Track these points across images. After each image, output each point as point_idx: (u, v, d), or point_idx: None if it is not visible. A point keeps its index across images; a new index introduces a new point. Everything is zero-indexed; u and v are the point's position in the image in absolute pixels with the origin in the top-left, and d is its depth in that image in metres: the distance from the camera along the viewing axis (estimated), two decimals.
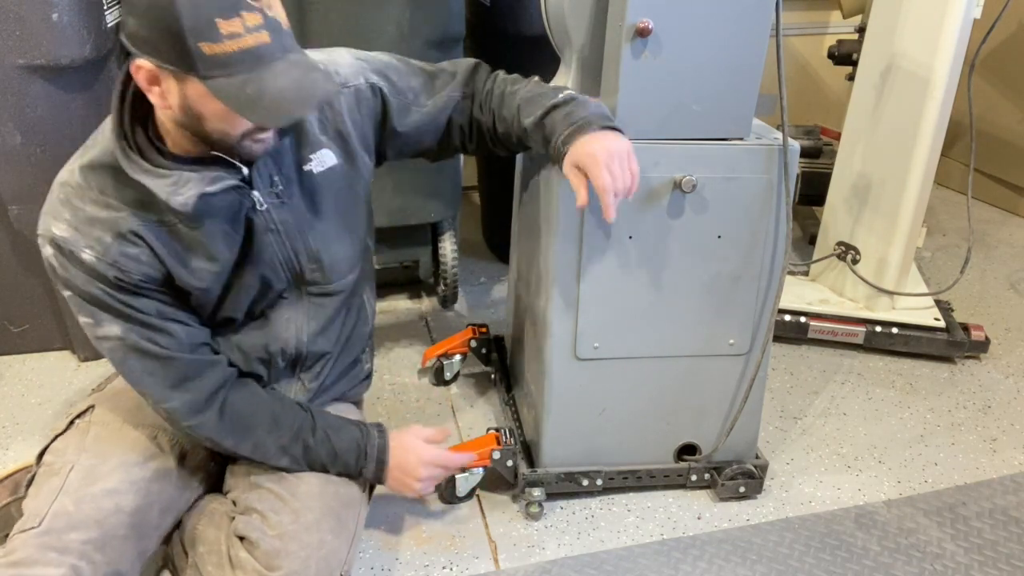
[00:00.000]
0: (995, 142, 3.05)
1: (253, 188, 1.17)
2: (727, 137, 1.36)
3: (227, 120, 1.04)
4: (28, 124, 1.66)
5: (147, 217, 1.13)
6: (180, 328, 1.19)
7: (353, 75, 1.27)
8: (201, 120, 1.04)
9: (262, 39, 0.99)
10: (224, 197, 1.13)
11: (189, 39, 0.95)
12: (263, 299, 1.27)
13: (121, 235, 1.11)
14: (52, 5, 1.56)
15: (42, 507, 1.16)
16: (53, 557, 1.09)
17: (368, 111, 1.29)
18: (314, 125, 1.24)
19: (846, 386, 2.01)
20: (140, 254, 1.13)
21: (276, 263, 1.24)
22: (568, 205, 1.35)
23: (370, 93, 1.28)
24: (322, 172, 1.25)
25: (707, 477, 1.61)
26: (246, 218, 1.19)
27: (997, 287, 2.53)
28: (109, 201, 1.11)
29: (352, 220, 1.33)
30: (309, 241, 1.26)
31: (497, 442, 1.56)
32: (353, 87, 1.26)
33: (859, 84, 2.06)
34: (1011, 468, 1.74)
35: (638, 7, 1.23)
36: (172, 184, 1.08)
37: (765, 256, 1.43)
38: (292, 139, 1.22)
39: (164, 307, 1.18)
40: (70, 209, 1.11)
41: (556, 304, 1.42)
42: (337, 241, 1.30)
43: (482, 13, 2.16)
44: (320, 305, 1.32)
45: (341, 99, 1.25)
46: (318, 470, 1.31)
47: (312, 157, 1.23)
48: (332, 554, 1.21)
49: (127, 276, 1.12)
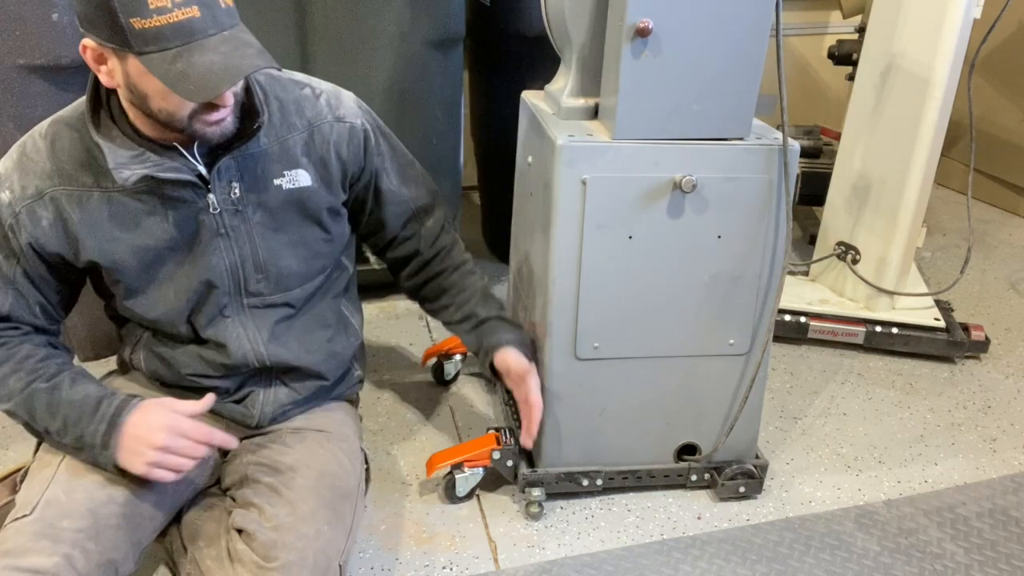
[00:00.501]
0: (995, 142, 3.05)
1: (211, 191, 1.19)
2: (727, 137, 1.36)
3: (167, 99, 1.05)
4: (28, 124, 1.64)
5: (82, 181, 1.16)
6: (14, 300, 1.21)
7: (352, 115, 1.32)
8: (146, 99, 1.07)
9: (191, 13, 1.00)
10: (176, 189, 1.17)
11: (120, 15, 0.98)
12: (203, 306, 1.27)
13: (40, 193, 1.16)
14: (52, 5, 1.56)
15: (34, 496, 1.15)
16: (46, 546, 1.08)
17: (356, 151, 1.33)
18: (297, 145, 1.26)
19: (846, 386, 2.01)
20: (43, 218, 1.17)
21: (221, 268, 1.24)
22: (568, 205, 1.35)
23: (362, 135, 1.33)
24: (291, 189, 1.26)
25: (707, 477, 1.61)
26: (198, 219, 1.20)
27: (997, 287, 2.53)
28: (55, 154, 1.16)
29: (312, 239, 1.32)
30: (259, 251, 1.26)
31: (497, 442, 1.56)
32: (349, 123, 1.31)
33: (859, 84, 2.06)
34: (1011, 468, 1.74)
35: (638, 7, 1.23)
36: (129, 158, 1.12)
37: (765, 256, 1.43)
38: (269, 149, 1.23)
39: (25, 277, 1.20)
40: (19, 151, 1.18)
41: (556, 304, 1.42)
42: (291, 256, 1.30)
43: (482, 13, 2.16)
44: (263, 316, 1.31)
45: (334, 130, 1.29)
46: (40, 424, 1.19)
47: (286, 173, 1.25)
48: (329, 544, 1.21)
49: (19, 230, 1.17)
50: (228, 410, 1.36)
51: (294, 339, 1.35)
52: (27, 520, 1.12)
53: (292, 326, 1.35)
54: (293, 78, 1.30)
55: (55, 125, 1.18)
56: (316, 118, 1.28)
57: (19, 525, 1.12)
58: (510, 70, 2.16)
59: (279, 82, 1.27)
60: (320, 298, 1.38)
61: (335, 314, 1.42)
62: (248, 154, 1.21)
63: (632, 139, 1.33)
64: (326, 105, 1.29)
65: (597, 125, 1.41)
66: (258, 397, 1.36)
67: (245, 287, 1.28)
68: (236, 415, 1.36)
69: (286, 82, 1.28)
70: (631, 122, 1.31)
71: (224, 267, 1.25)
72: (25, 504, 1.15)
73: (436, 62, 1.98)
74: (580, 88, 1.44)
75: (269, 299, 1.31)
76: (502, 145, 1.86)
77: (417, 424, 1.82)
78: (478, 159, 2.55)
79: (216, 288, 1.25)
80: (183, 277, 1.24)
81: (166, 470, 1.15)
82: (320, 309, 1.39)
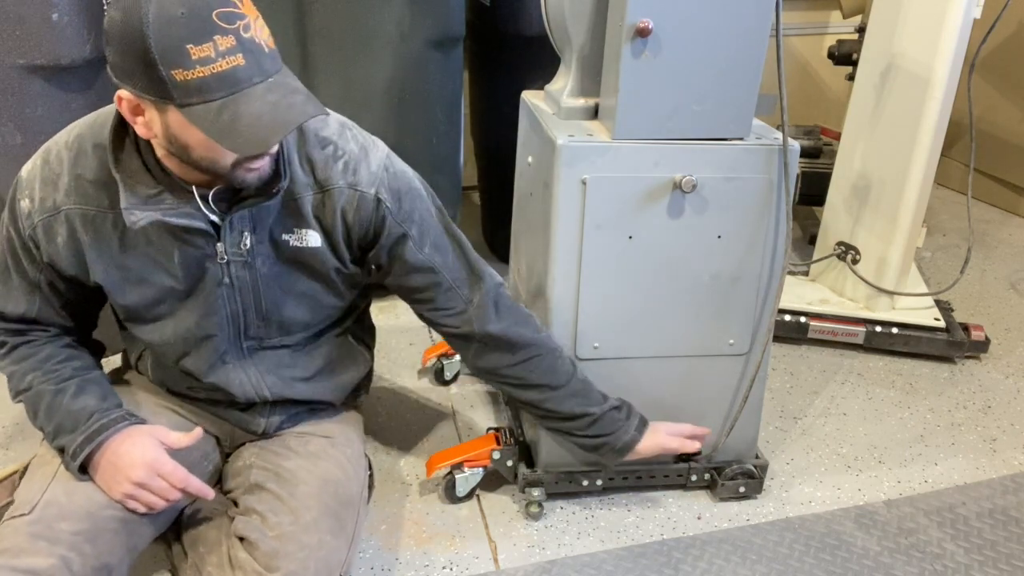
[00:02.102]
0: (995, 142, 3.05)
1: (220, 239, 1.16)
2: (727, 137, 1.36)
3: (211, 149, 1.02)
4: (28, 124, 1.65)
5: (98, 201, 1.14)
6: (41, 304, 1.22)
7: (367, 183, 1.21)
8: (187, 150, 1.03)
9: (236, 62, 0.95)
10: (187, 234, 1.14)
11: (161, 67, 0.93)
12: (201, 352, 1.26)
13: (57, 209, 1.14)
14: (52, 5, 1.56)
15: (34, 495, 1.15)
16: (43, 547, 1.08)
17: (365, 220, 1.23)
18: (308, 204, 1.19)
19: (846, 386, 2.01)
20: (59, 235, 1.16)
21: (222, 316, 1.23)
22: (568, 205, 1.35)
23: (372, 204, 1.22)
24: (299, 247, 1.21)
25: (707, 477, 1.61)
26: (203, 266, 1.18)
27: (997, 287, 2.53)
28: (75, 170, 1.14)
29: (322, 294, 1.29)
30: (262, 301, 1.24)
31: (497, 442, 1.56)
32: (359, 192, 1.21)
33: (859, 84, 2.06)
34: (1011, 468, 1.74)
35: (638, 7, 1.23)
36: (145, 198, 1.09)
37: (765, 256, 1.43)
38: (282, 206, 1.18)
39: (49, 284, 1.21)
40: (43, 159, 1.16)
41: (556, 304, 1.42)
42: (296, 308, 1.27)
43: (482, 13, 2.16)
44: (262, 358, 1.30)
45: (343, 196, 1.20)
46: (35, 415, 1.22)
47: (296, 231, 1.21)
48: (331, 554, 1.21)
49: (37, 243, 1.17)
50: (236, 418, 1.35)
51: (297, 377, 1.34)
52: (25, 520, 1.11)
53: (295, 363, 1.33)
54: (321, 133, 1.21)
55: (80, 140, 1.15)
56: (327, 182, 1.20)
57: (17, 524, 1.11)
58: (510, 70, 2.16)
59: (304, 136, 1.19)
60: (323, 337, 1.36)
61: (341, 348, 1.40)
62: (262, 207, 1.16)
63: (632, 139, 1.33)
64: (342, 169, 1.20)
65: (597, 125, 1.41)
66: (265, 408, 1.36)
67: (245, 332, 1.27)
68: (243, 423, 1.36)
69: (310, 137, 1.19)
70: (631, 122, 1.31)
71: (225, 315, 1.23)
72: (25, 502, 1.14)
73: (436, 62, 1.98)
74: (580, 88, 1.44)
75: (268, 342, 1.30)
76: (502, 145, 1.86)
77: (417, 424, 1.82)
78: (478, 159, 2.55)
79: (215, 337, 1.25)
80: (183, 319, 1.23)
81: (138, 503, 1.17)
82: (323, 347, 1.36)
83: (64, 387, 1.20)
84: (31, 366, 1.22)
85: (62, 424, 1.18)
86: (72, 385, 1.21)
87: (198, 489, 1.20)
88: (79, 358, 1.26)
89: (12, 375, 1.23)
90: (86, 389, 1.21)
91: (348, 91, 1.34)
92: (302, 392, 1.34)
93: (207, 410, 1.36)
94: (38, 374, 1.21)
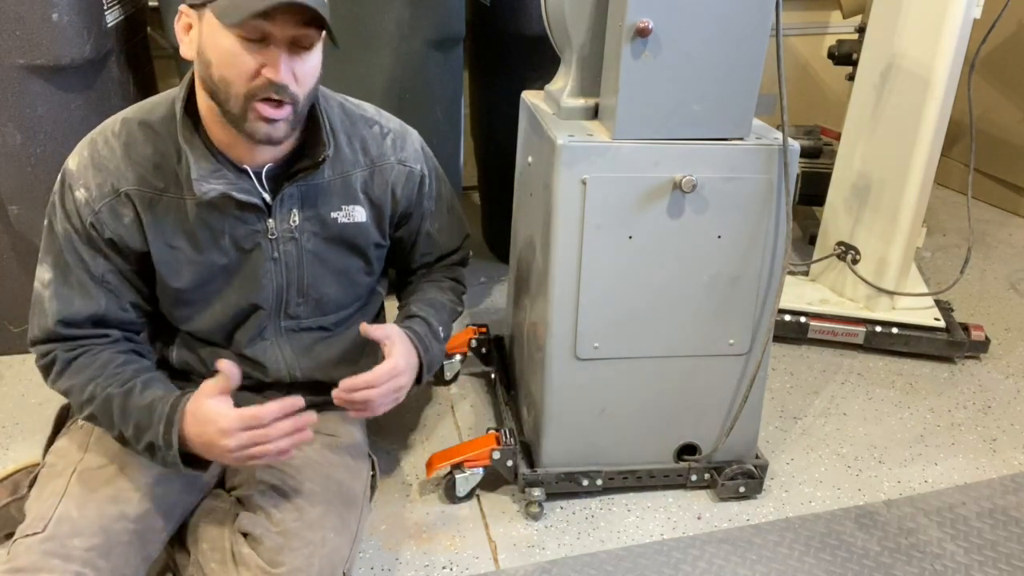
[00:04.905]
0: (995, 142, 3.05)
1: (271, 216, 1.23)
2: (727, 137, 1.36)
3: (228, 64, 1.07)
4: (28, 124, 1.66)
5: (154, 184, 1.18)
6: (107, 300, 1.21)
7: (414, 159, 1.37)
8: (210, 68, 1.08)
9: None
10: (242, 211, 1.20)
11: None
12: (245, 326, 1.30)
13: (117, 191, 1.17)
14: (52, 5, 1.56)
15: (46, 512, 1.15)
16: (57, 564, 1.08)
17: (410, 193, 1.38)
18: (358, 181, 1.30)
19: (846, 386, 2.01)
20: (125, 215, 1.18)
21: (269, 291, 1.28)
22: (568, 205, 1.35)
23: (418, 180, 1.38)
24: (346, 224, 1.30)
25: (707, 477, 1.61)
26: (255, 241, 1.23)
27: (997, 287, 2.53)
28: (129, 154, 1.17)
29: (356, 271, 1.37)
30: (304, 278, 1.30)
31: (497, 442, 1.56)
32: (409, 168, 1.36)
33: (859, 84, 2.06)
34: (1011, 468, 1.74)
35: (638, 7, 1.23)
36: (209, 171, 1.15)
37: (765, 256, 1.43)
38: (332, 182, 1.27)
39: (114, 273, 1.21)
40: (91, 149, 1.19)
41: (556, 304, 1.42)
42: (333, 285, 1.34)
43: (482, 13, 2.16)
44: (298, 338, 1.35)
45: (394, 171, 1.34)
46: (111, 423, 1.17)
47: (344, 208, 1.29)
48: (335, 551, 1.21)
49: (101, 228, 1.18)
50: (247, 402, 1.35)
51: (328, 361, 1.38)
52: (38, 538, 1.11)
53: (328, 348, 1.38)
54: (364, 114, 1.34)
55: (127, 124, 1.19)
56: (380, 158, 1.32)
57: (30, 542, 1.11)
58: (510, 70, 2.16)
59: (349, 117, 1.31)
60: (355, 324, 1.40)
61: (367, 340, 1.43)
62: (311, 184, 1.25)
63: (632, 139, 1.33)
64: (391, 146, 1.34)
65: (597, 125, 1.41)
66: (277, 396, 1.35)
67: (285, 310, 1.31)
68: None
69: (356, 118, 1.32)
70: (631, 122, 1.31)
71: (271, 289, 1.28)
72: (37, 520, 1.14)
73: (436, 62, 1.98)
74: (580, 88, 1.44)
75: (305, 323, 1.34)
76: (502, 145, 1.86)
77: (417, 424, 1.82)
78: (478, 159, 2.55)
79: (261, 310, 1.29)
80: (232, 295, 1.27)
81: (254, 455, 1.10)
82: (353, 333, 1.40)
83: (130, 387, 1.17)
84: (90, 375, 1.18)
85: (140, 422, 1.14)
86: (137, 383, 1.18)
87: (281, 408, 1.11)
88: (136, 361, 1.24)
89: (71, 390, 1.19)
90: (150, 384, 1.18)
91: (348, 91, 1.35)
92: (329, 376, 1.36)
93: None
94: (99, 380, 1.17)
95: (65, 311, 1.19)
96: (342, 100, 1.33)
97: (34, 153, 1.68)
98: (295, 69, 1.10)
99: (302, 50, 1.11)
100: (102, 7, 1.70)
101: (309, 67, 1.13)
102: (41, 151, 1.69)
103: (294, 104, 1.12)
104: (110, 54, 1.75)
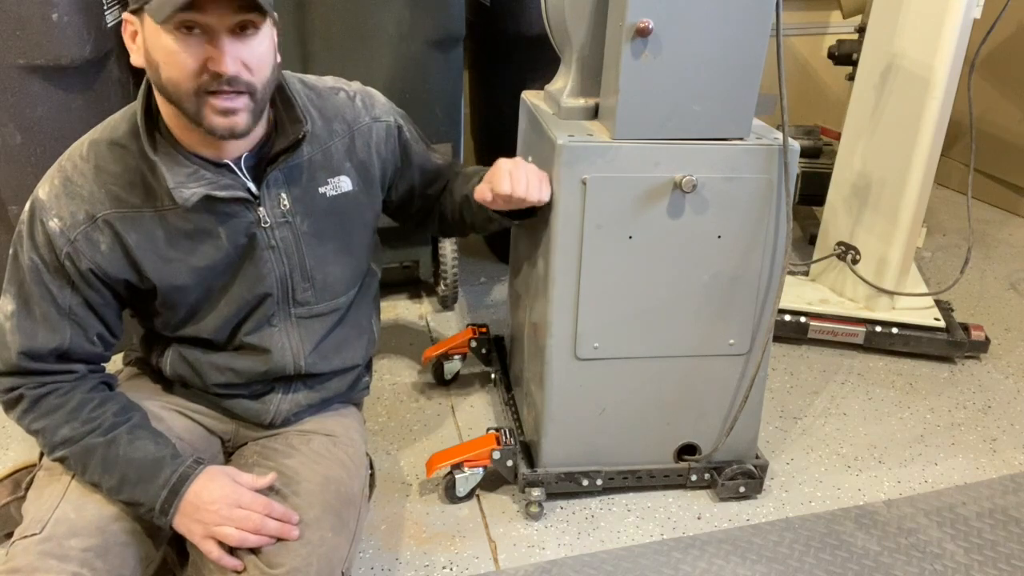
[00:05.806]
0: (995, 142, 3.05)
1: (260, 204, 1.20)
2: (727, 137, 1.36)
3: (171, 63, 1.05)
4: (28, 124, 1.66)
5: (130, 202, 1.15)
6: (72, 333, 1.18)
7: (386, 113, 1.37)
8: (158, 70, 1.06)
9: None
10: (229, 206, 1.18)
11: None
12: (250, 318, 1.28)
13: (92, 218, 1.14)
14: (52, 5, 1.56)
15: (44, 514, 1.15)
16: (53, 564, 1.08)
17: (392, 147, 1.38)
18: (340, 150, 1.28)
19: (846, 386, 2.01)
20: (102, 243, 1.15)
21: (272, 279, 1.26)
22: (568, 205, 1.35)
23: (396, 131, 1.38)
24: (335, 196, 1.29)
25: (707, 477, 1.61)
26: (249, 233, 1.21)
27: (997, 287, 2.53)
28: (100, 177, 1.14)
29: (355, 245, 1.35)
30: (306, 260, 1.28)
31: (497, 442, 1.56)
32: (385, 123, 1.36)
33: (859, 84, 2.06)
34: (1011, 468, 1.74)
35: (638, 7, 1.23)
36: (186, 176, 1.12)
37: (765, 256, 1.43)
38: (313, 158, 1.25)
39: (82, 306, 1.18)
40: (61, 176, 1.15)
41: (556, 304, 1.42)
42: (335, 263, 1.32)
43: (482, 13, 2.16)
44: (309, 327, 1.33)
45: (372, 130, 1.33)
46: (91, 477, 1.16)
47: (330, 181, 1.28)
48: (333, 551, 1.21)
49: (78, 258, 1.14)
50: (243, 408, 1.35)
51: (333, 350, 1.37)
52: (36, 539, 1.11)
53: (334, 336, 1.37)
54: (326, 84, 1.33)
55: (95, 146, 1.16)
56: (355, 120, 1.31)
57: (27, 544, 1.11)
58: (510, 70, 2.16)
59: (314, 91, 1.29)
60: (358, 305, 1.40)
61: (368, 321, 1.45)
62: (293, 165, 1.23)
63: (632, 139, 1.33)
64: (363, 106, 1.33)
65: (597, 125, 1.41)
66: (276, 396, 1.36)
67: (293, 296, 1.29)
68: (250, 414, 1.35)
69: (320, 90, 1.30)
70: (631, 122, 1.31)
71: (275, 278, 1.26)
72: (35, 522, 1.14)
73: (436, 62, 1.98)
74: (580, 88, 1.44)
75: (316, 308, 1.32)
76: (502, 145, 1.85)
77: (417, 424, 1.82)
78: (478, 159, 2.55)
79: (269, 297, 1.27)
80: (236, 290, 1.25)
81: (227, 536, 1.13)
82: (358, 317, 1.40)
83: (115, 436, 1.16)
84: (63, 418, 1.16)
85: (126, 476, 1.14)
86: (122, 433, 1.16)
87: (282, 513, 1.16)
88: (112, 400, 1.21)
89: (43, 430, 1.17)
90: (137, 435, 1.17)
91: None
92: (332, 365, 1.37)
93: (215, 406, 1.36)
94: (75, 424, 1.16)
95: (27, 344, 1.16)
96: (300, 76, 1.31)
97: (34, 153, 1.68)
98: (243, 57, 1.07)
99: (247, 37, 1.07)
100: (102, 7, 1.69)
101: (259, 52, 1.09)
102: (41, 151, 1.68)
103: (251, 93, 1.09)
104: (110, 54, 1.75)
